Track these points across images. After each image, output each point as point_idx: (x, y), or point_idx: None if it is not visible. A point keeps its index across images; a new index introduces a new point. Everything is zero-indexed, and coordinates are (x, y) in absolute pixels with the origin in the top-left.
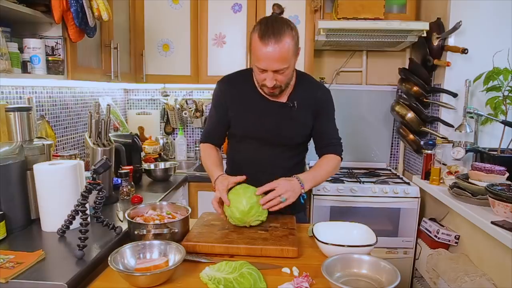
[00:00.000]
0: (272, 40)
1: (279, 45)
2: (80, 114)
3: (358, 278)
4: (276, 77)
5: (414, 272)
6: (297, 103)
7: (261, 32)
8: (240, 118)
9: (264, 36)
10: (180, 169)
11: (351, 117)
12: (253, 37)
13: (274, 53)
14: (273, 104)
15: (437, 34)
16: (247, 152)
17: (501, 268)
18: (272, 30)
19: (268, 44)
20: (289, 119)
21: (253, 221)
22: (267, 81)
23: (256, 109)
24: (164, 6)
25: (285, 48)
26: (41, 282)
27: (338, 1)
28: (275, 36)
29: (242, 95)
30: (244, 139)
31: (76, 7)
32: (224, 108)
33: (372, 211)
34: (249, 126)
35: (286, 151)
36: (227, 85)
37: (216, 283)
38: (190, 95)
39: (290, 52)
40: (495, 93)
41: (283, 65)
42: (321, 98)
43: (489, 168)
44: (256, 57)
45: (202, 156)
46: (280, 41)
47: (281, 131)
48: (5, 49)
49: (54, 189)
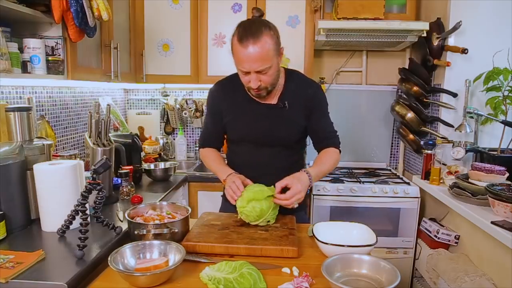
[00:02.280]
0: (251, 41)
1: (258, 45)
2: (80, 114)
3: (358, 278)
4: (259, 77)
5: (414, 272)
6: (288, 103)
7: (239, 35)
8: (234, 122)
9: (242, 38)
10: (180, 169)
11: (351, 117)
12: (233, 41)
13: (254, 54)
14: (264, 106)
15: (437, 34)
16: (245, 154)
17: (501, 268)
18: (250, 31)
19: (247, 45)
20: (282, 119)
21: (264, 221)
22: (252, 82)
23: (248, 112)
24: (164, 6)
25: (264, 48)
26: (41, 282)
27: (338, 1)
28: (253, 37)
29: (234, 100)
30: (240, 142)
31: (76, 7)
32: (218, 114)
33: (372, 211)
34: (244, 130)
35: (283, 150)
36: (219, 92)
37: (216, 283)
38: (190, 95)
39: (270, 51)
40: (495, 93)
41: (264, 65)
42: (312, 95)
43: (489, 168)
44: (238, 60)
45: (205, 160)
46: (258, 41)
47: (274, 132)
48: (5, 49)
49: (54, 189)
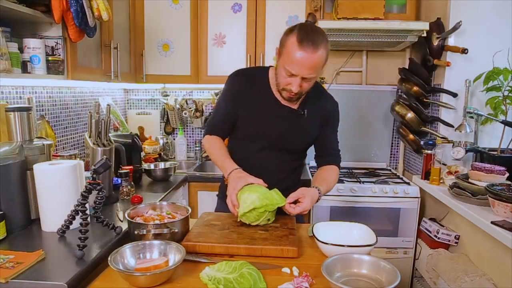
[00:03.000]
0: (311, 47)
1: (316, 53)
2: (80, 114)
3: (358, 278)
4: (302, 83)
5: (414, 272)
6: (307, 111)
7: (300, 37)
8: (249, 116)
9: (303, 41)
10: (180, 169)
11: (351, 117)
12: (289, 39)
13: (310, 60)
14: (284, 109)
15: (437, 34)
16: (247, 151)
17: (501, 268)
18: (311, 38)
19: (306, 50)
20: (298, 126)
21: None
22: (293, 86)
23: (267, 110)
24: (164, 6)
25: (319, 58)
26: (41, 282)
27: (338, 1)
28: (314, 44)
29: (255, 93)
30: (247, 138)
31: (76, 7)
32: (234, 102)
33: (372, 211)
34: (257, 126)
35: (288, 155)
36: (242, 80)
37: (216, 283)
38: (190, 95)
39: (322, 63)
40: (495, 93)
41: (313, 74)
42: (330, 110)
43: (489, 168)
44: (290, 60)
45: (209, 148)
46: (317, 50)
47: (288, 137)
48: (5, 49)
49: (54, 189)
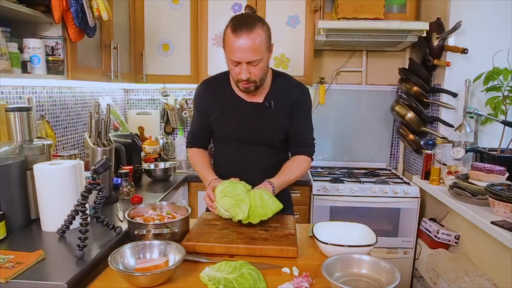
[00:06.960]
0: (244, 31)
1: (251, 36)
2: (80, 114)
3: (358, 278)
4: (249, 69)
5: (414, 272)
6: (274, 102)
7: (234, 26)
8: (220, 120)
9: (236, 29)
10: (180, 169)
11: (351, 117)
12: (226, 32)
13: (247, 43)
14: (251, 105)
15: (437, 34)
16: (230, 152)
17: (501, 268)
18: (244, 23)
19: (241, 35)
20: (266, 118)
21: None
22: (242, 73)
23: (234, 110)
24: (164, 6)
25: (257, 39)
26: (41, 282)
27: (338, 1)
28: (247, 28)
29: (221, 98)
30: (226, 140)
31: (76, 7)
32: (204, 111)
33: (372, 211)
34: (229, 127)
35: (268, 150)
36: (205, 90)
37: (216, 283)
38: (190, 95)
39: (263, 44)
40: (495, 93)
41: (256, 56)
42: (298, 96)
43: (489, 168)
44: (230, 50)
45: (192, 161)
46: (252, 32)
47: (260, 131)
48: (5, 49)
49: (54, 189)
